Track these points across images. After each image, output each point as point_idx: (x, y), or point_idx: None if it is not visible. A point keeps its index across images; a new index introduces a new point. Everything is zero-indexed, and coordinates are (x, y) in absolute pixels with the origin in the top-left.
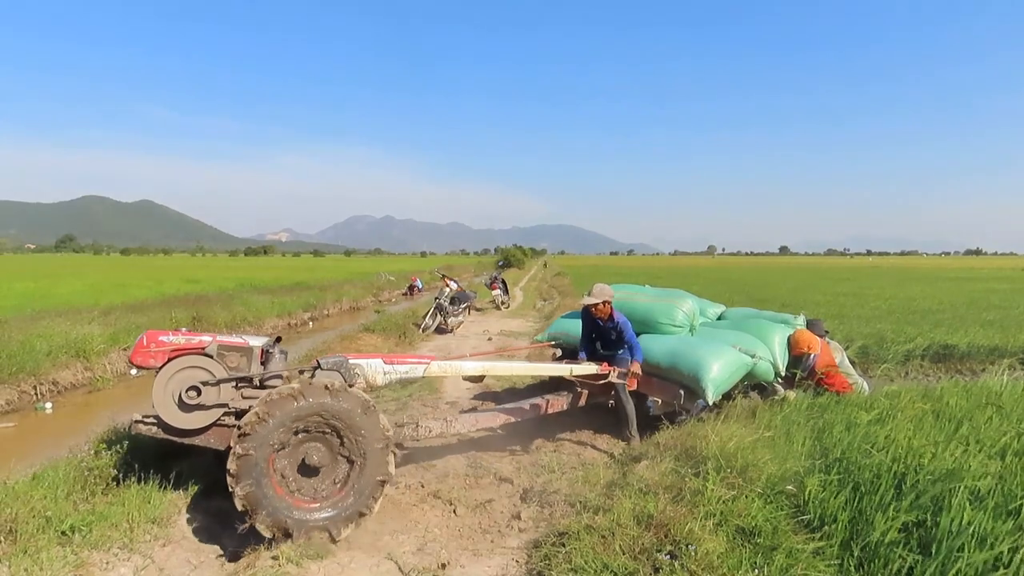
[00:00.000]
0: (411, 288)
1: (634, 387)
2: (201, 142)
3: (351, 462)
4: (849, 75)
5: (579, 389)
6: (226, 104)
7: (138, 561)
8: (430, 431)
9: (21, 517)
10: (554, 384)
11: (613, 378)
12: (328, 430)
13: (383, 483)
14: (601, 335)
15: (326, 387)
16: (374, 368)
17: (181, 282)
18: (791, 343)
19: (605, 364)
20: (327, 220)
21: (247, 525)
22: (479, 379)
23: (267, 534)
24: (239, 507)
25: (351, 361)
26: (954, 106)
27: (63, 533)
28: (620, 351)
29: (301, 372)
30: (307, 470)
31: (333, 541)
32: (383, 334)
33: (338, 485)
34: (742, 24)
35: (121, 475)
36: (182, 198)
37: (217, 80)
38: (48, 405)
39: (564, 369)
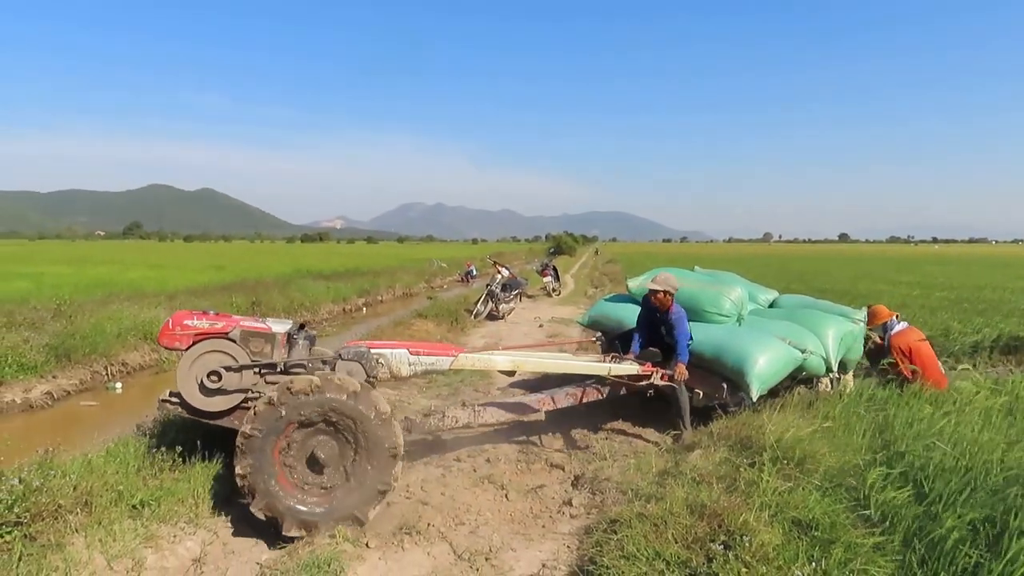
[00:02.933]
0: (467, 275)
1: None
2: (258, 130)
3: (355, 462)
4: (915, 48)
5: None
6: (281, 92)
7: (203, 535)
8: (456, 421)
9: (96, 490)
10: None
11: (656, 380)
12: (340, 427)
13: (383, 492)
14: (655, 325)
15: (346, 388)
16: (399, 359)
17: (243, 269)
18: (870, 314)
19: (648, 364)
20: (380, 207)
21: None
22: (511, 373)
23: (261, 517)
24: (240, 488)
25: (374, 351)
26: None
27: (134, 507)
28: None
29: (324, 361)
30: (314, 464)
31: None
32: (436, 320)
33: (339, 483)
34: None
35: (186, 452)
36: (241, 186)
37: (273, 69)
38: (118, 385)
39: (602, 368)
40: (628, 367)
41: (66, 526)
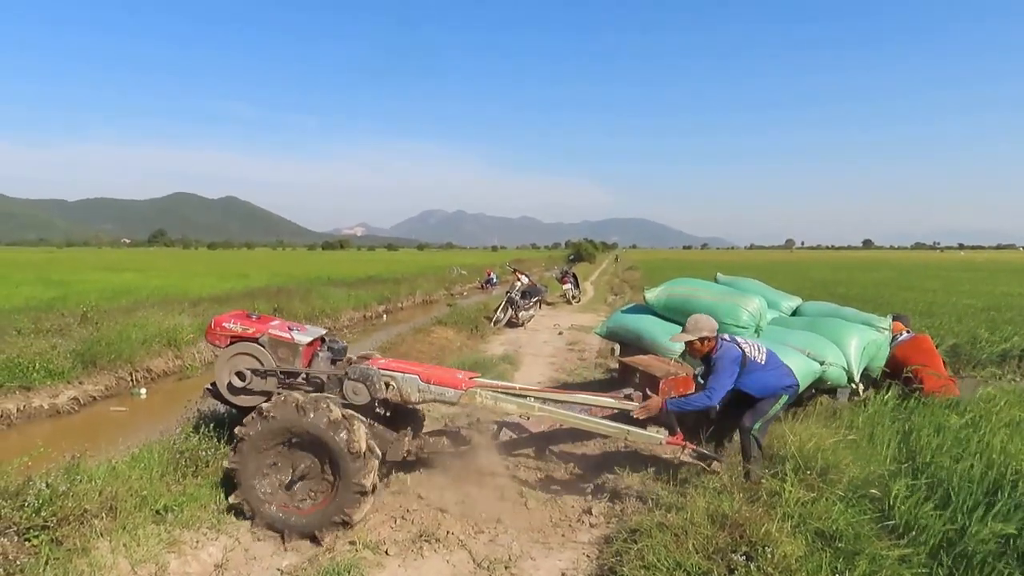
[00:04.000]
0: (486, 282)
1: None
2: (281, 138)
3: (327, 471)
4: (941, 49)
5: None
6: (304, 101)
7: (226, 541)
8: (470, 441)
9: (120, 496)
10: (622, 380)
11: (685, 457)
12: (302, 443)
13: (362, 495)
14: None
15: (292, 404)
16: (410, 383)
17: (268, 275)
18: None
19: (680, 435)
20: (401, 215)
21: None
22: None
23: (268, 531)
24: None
25: (384, 373)
26: None
27: (158, 512)
28: (761, 394)
29: (338, 377)
30: (292, 478)
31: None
32: (455, 327)
33: (318, 492)
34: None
35: (210, 458)
36: (263, 194)
37: (295, 78)
38: (143, 391)
39: (619, 432)
40: (652, 435)
41: (91, 530)
